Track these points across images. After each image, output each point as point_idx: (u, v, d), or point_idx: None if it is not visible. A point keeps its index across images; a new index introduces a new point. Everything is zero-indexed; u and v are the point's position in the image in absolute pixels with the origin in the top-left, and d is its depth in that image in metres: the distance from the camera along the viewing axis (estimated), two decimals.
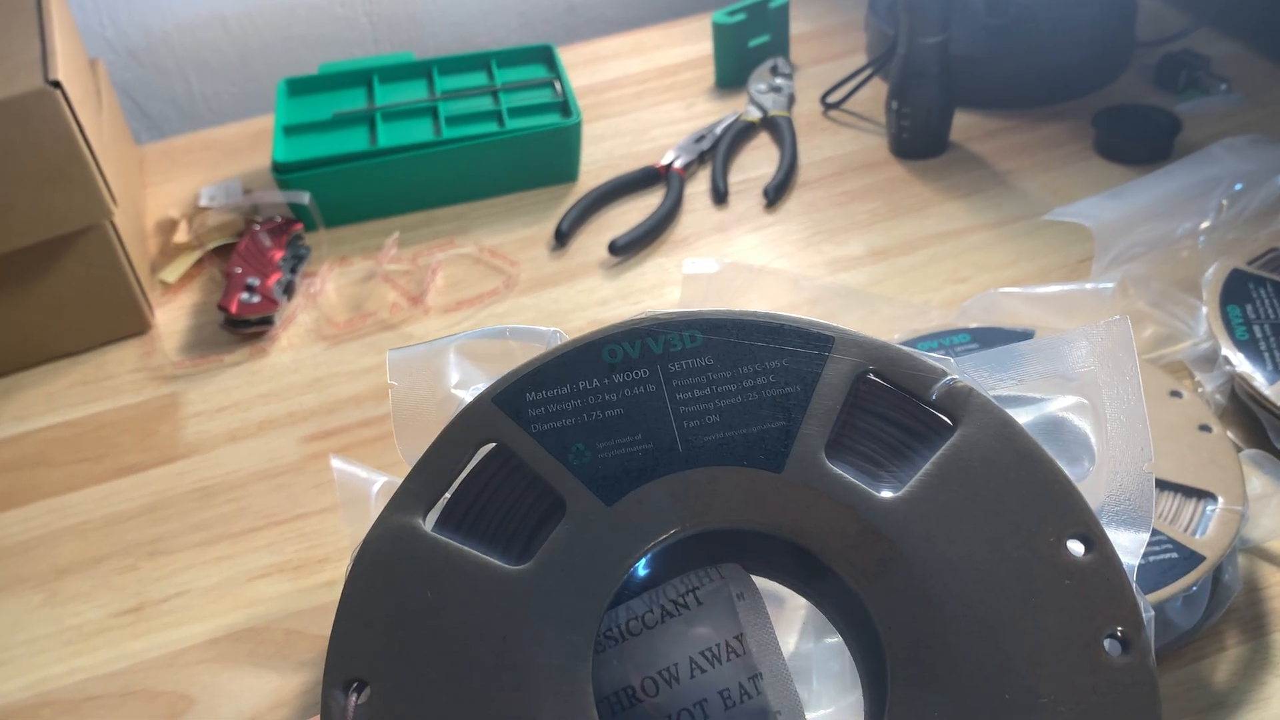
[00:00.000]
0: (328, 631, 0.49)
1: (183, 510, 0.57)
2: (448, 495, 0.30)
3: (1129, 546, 0.30)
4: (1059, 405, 0.35)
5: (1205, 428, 0.49)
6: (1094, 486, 0.31)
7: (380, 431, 0.60)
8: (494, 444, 0.30)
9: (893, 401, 0.30)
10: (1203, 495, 0.46)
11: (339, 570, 0.53)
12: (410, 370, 0.34)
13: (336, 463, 0.50)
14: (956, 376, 0.30)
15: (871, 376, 0.30)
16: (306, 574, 0.53)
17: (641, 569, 0.31)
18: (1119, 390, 0.33)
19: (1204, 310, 0.56)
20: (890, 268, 0.67)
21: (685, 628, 0.30)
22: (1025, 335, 0.54)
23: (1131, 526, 0.31)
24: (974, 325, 0.56)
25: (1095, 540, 0.28)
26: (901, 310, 0.59)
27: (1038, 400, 0.35)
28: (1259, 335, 0.54)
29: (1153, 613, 0.28)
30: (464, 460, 0.30)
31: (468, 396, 0.31)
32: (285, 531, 0.55)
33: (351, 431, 0.60)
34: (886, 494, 0.29)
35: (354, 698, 0.28)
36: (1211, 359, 0.55)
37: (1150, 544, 0.44)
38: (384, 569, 0.29)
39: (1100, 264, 0.59)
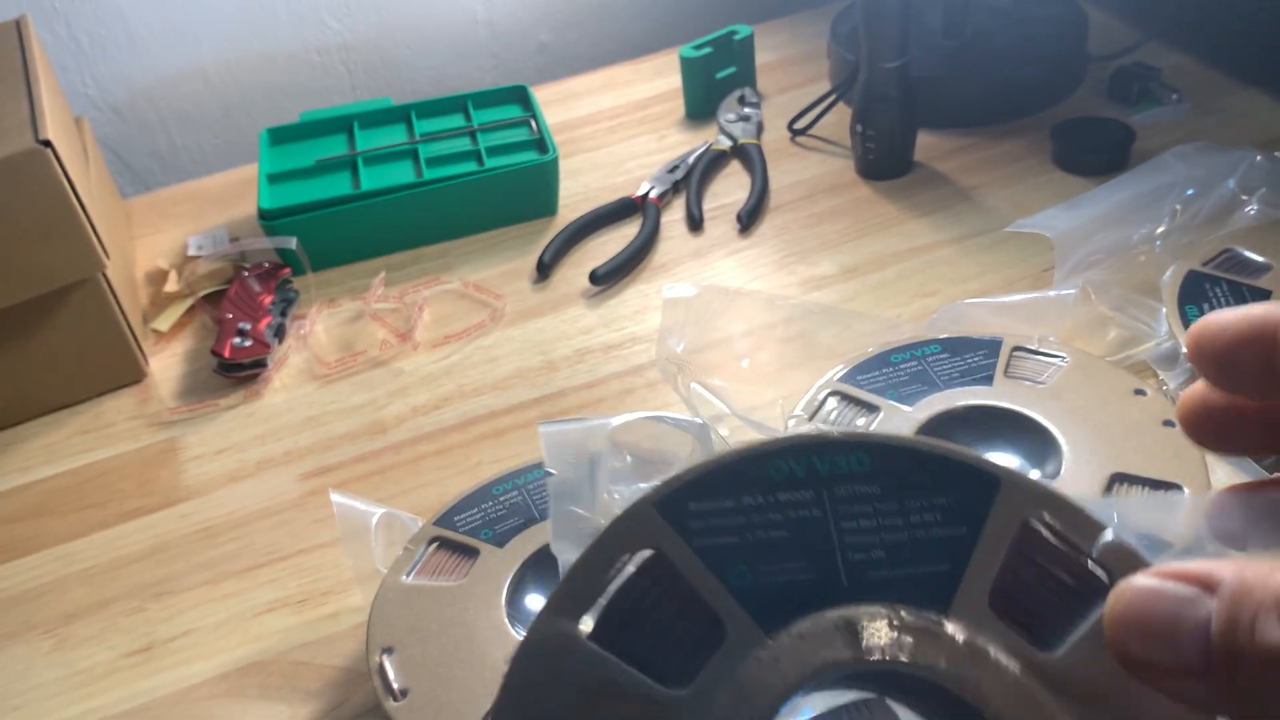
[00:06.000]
0: (333, 662, 0.52)
1: (187, 551, 0.58)
2: (603, 601, 0.28)
3: None
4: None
5: (1169, 423, 0.51)
6: None
7: (375, 466, 0.61)
8: (653, 552, 0.29)
9: (1055, 554, 0.29)
10: (1169, 486, 0.48)
11: (342, 602, 0.54)
12: (565, 453, 0.33)
13: (336, 497, 0.52)
14: (1119, 536, 0.29)
15: (1035, 524, 0.29)
16: (311, 607, 0.54)
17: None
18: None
19: (1163, 311, 0.58)
20: (861, 284, 0.69)
21: None
22: (994, 343, 0.57)
23: None
24: (944, 336, 0.58)
25: None
26: (874, 325, 0.61)
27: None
28: None
29: None
30: (621, 565, 0.29)
31: (627, 494, 0.30)
32: (288, 567, 0.57)
33: (348, 467, 0.61)
34: (1052, 653, 0.28)
35: None
36: (1173, 358, 0.57)
37: None
38: (543, 676, 0.28)
39: (1061, 272, 0.62)
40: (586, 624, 0.28)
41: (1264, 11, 0.81)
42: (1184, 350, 0.55)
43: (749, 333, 0.63)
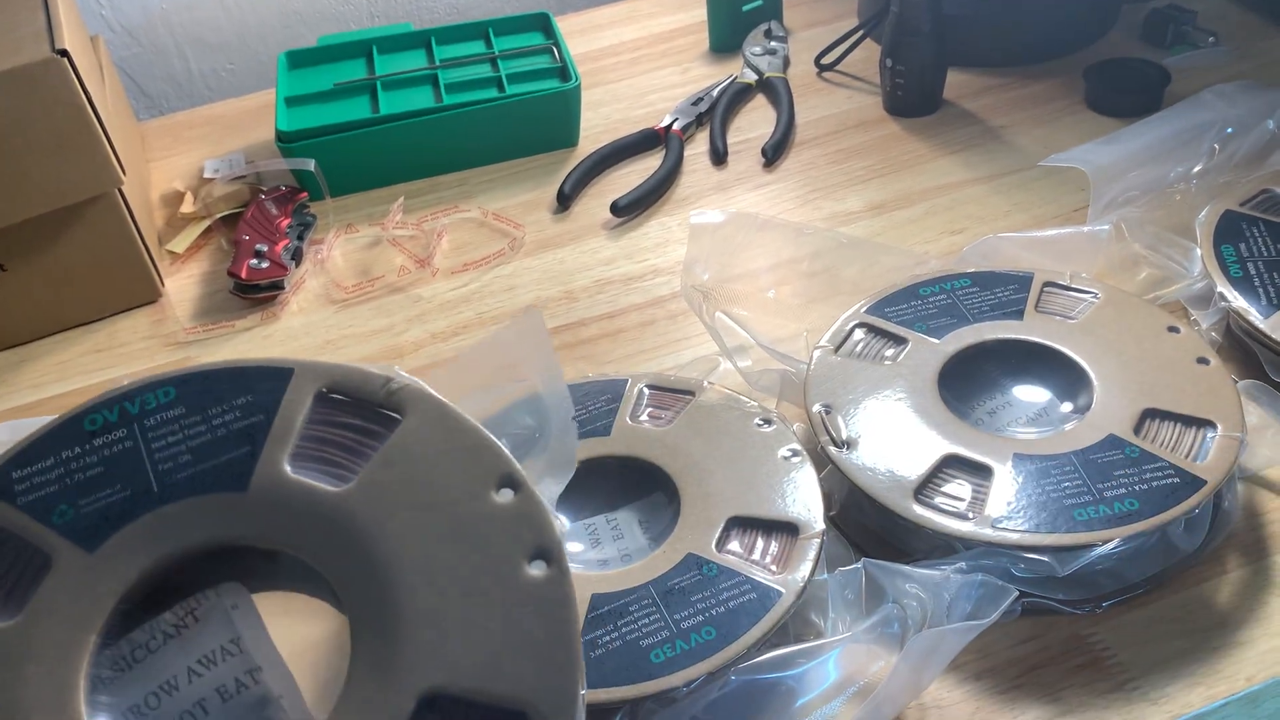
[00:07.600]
0: None
1: None
2: None
3: (554, 490, 0.38)
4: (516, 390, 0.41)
5: (1203, 360, 0.50)
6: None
7: None
8: None
9: (350, 410, 0.35)
10: (1202, 424, 0.48)
11: None
12: None
13: None
14: (401, 378, 0.35)
15: (331, 394, 0.35)
16: None
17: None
18: (541, 365, 0.41)
19: (1198, 251, 0.57)
20: (888, 221, 0.68)
21: (184, 644, 0.34)
22: (1024, 278, 0.56)
23: (557, 471, 0.39)
24: (972, 270, 0.57)
25: (518, 484, 0.33)
26: (901, 259, 0.60)
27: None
28: (1253, 272, 0.55)
29: (568, 526, 0.35)
30: None
31: None
32: None
33: None
34: (343, 487, 0.33)
35: None
36: (1206, 298, 0.56)
37: (1152, 469, 0.46)
38: None
39: (1096, 208, 0.60)
40: None
41: None
42: (1219, 290, 0.54)
43: (775, 265, 0.62)
